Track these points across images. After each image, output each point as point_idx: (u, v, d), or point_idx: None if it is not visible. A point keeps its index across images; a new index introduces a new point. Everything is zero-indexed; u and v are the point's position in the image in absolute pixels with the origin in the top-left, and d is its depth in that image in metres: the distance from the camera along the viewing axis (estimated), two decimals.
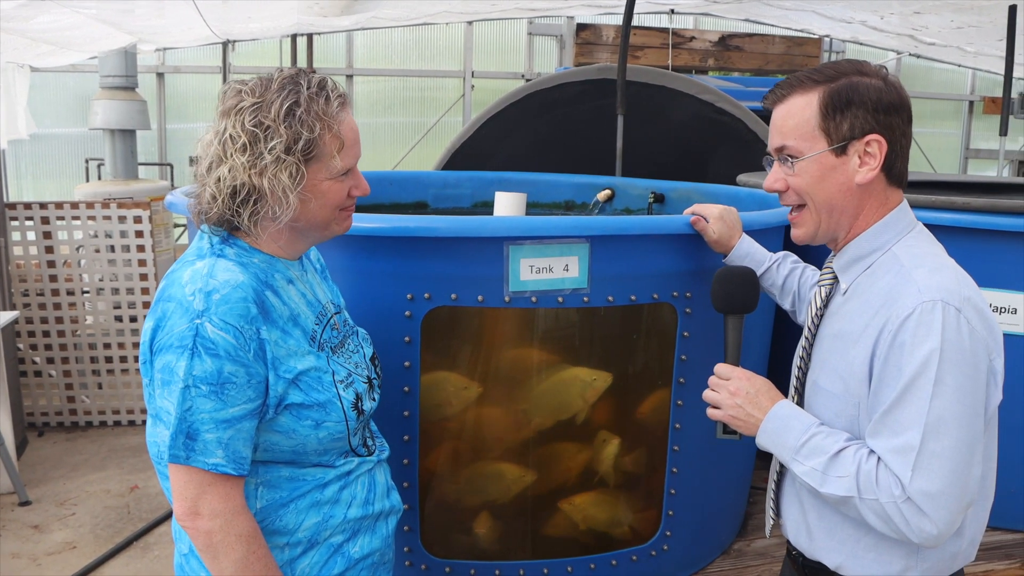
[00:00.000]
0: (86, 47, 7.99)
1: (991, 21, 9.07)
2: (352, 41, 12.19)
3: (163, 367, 1.81)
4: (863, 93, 1.89)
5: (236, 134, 1.88)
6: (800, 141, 1.94)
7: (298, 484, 1.99)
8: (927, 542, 1.80)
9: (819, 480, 1.88)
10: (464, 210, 4.89)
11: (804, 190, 1.97)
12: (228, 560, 1.83)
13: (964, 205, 3.45)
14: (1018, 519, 3.65)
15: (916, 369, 1.77)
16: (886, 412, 1.82)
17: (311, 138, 1.89)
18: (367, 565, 2.12)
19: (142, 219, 5.80)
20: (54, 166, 11.33)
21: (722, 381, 2.10)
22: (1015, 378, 3.51)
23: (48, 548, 4.31)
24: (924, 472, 1.76)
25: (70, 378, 5.91)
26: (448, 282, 2.68)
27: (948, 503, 1.77)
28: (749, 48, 12.89)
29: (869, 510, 1.82)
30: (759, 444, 2.03)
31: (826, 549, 2.04)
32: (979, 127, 15.11)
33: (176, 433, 1.79)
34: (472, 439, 3.00)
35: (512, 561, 2.98)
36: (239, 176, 1.88)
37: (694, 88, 5.63)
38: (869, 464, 1.83)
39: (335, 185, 1.97)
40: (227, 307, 1.81)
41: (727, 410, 2.07)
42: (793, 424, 1.97)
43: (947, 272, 1.85)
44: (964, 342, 1.77)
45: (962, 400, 1.76)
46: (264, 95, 1.90)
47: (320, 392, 1.95)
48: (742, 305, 2.24)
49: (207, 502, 1.82)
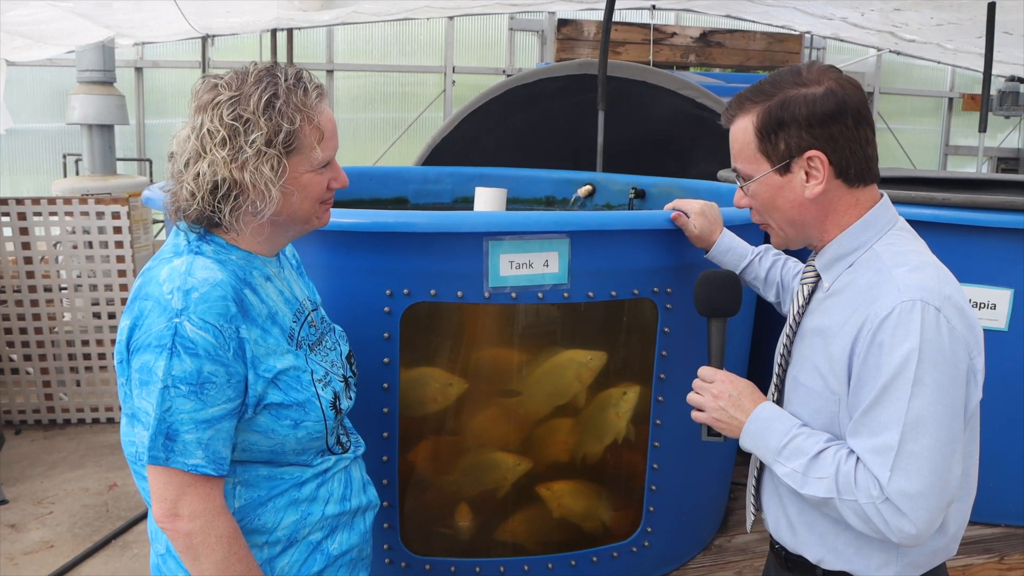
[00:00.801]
0: (63, 41, 7.93)
1: (970, 18, 9.12)
2: (332, 36, 12.15)
3: (141, 367, 1.79)
4: (794, 110, 1.88)
5: (215, 128, 1.85)
6: (746, 164, 1.98)
7: (276, 483, 1.97)
8: (906, 541, 1.80)
9: (800, 482, 1.89)
10: (444, 206, 4.87)
11: (761, 210, 2.01)
12: (209, 561, 1.82)
13: (944, 201, 3.46)
14: (998, 513, 3.67)
15: (895, 369, 1.77)
16: (865, 412, 1.82)
17: (292, 130, 1.87)
18: (346, 561, 2.11)
19: (120, 215, 5.75)
20: (31, 161, 11.25)
21: (705, 384, 2.11)
22: (995, 373, 3.51)
23: (25, 547, 4.27)
24: (903, 472, 1.76)
25: (47, 375, 5.86)
26: (427, 278, 2.67)
27: (927, 503, 1.77)
28: (730, 44, 12.92)
29: (849, 511, 1.83)
30: (742, 446, 2.04)
31: (807, 543, 2.05)
32: (958, 124, 15.19)
33: (155, 434, 1.77)
34: (453, 435, 2.99)
35: (492, 558, 2.96)
36: (219, 171, 1.84)
37: (675, 84, 5.64)
38: (848, 465, 1.83)
39: (315, 177, 1.95)
40: (206, 305, 1.79)
41: (711, 413, 2.08)
42: (775, 426, 1.97)
43: (928, 270, 1.85)
44: (943, 342, 1.76)
45: (941, 400, 1.76)
46: (241, 88, 1.87)
47: (299, 392, 1.93)
48: (725, 308, 2.23)
49: (187, 503, 1.80)
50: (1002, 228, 3.40)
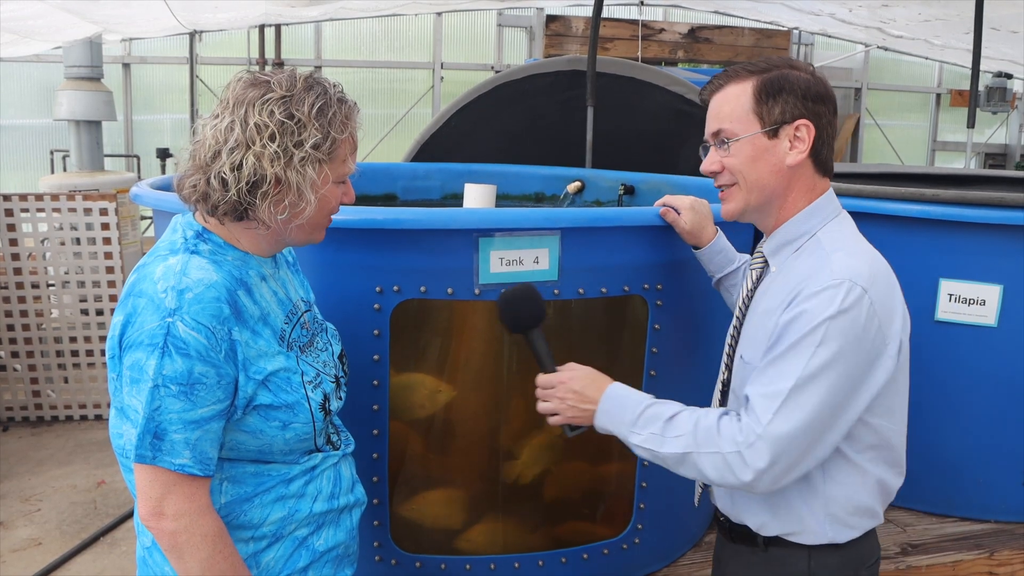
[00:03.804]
0: (50, 37, 7.90)
1: (958, 14, 9.15)
2: (320, 32, 12.15)
3: (132, 364, 1.79)
4: (793, 82, 2.06)
5: (263, 123, 1.86)
6: (735, 124, 2.10)
7: (263, 479, 1.98)
8: (750, 480, 1.94)
9: (658, 442, 2.04)
10: (433, 202, 4.86)
11: (738, 169, 2.11)
12: (194, 560, 1.82)
13: (933, 197, 3.47)
14: (988, 509, 3.68)
15: (807, 330, 1.91)
16: (770, 363, 1.97)
17: (337, 139, 1.93)
18: (331, 558, 2.13)
19: (108, 211, 5.73)
20: (18, 157, 11.22)
21: (548, 391, 2.23)
22: (984, 370, 3.54)
23: (13, 544, 4.26)
24: (783, 416, 1.91)
25: (35, 372, 5.84)
26: (417, 275, 2.66)
27: (791, 449, 1.92)
28: (718, 40, 12.94)
29: (708, 463, 1.98)
30: (599, 426, 2.17)
31: (749, 514, 2.17)
32: (946, 119, 15.26)
33: (143, 433, 1.77)
34: (442, 435, 2.98)
35: (482, 555, 2.96)
36: (265, 165, 1.86)
37: (664, 80, 5.63)
38: (708, 420, 2.00)
39: (334, 190, 2.00)
40: (200, 307, 1.79)
41: (565, 413, 2.20)
42: (627, 402, 2.13)
43: (863, 256, 2.00)
44: (860, 318, 1.90)
45: (839, 368, 1.91)
46: (292, 90, 1.90)
47: (289, 393, 1.94)
48: (535, 318, 2.29)
49: (172, 502, 1.81)
50: (991, 224, 3.41)
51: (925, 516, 3.73)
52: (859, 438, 2.03)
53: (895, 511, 3.75)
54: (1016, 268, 3.42)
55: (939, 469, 3.68)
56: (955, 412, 3.61)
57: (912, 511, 3.76)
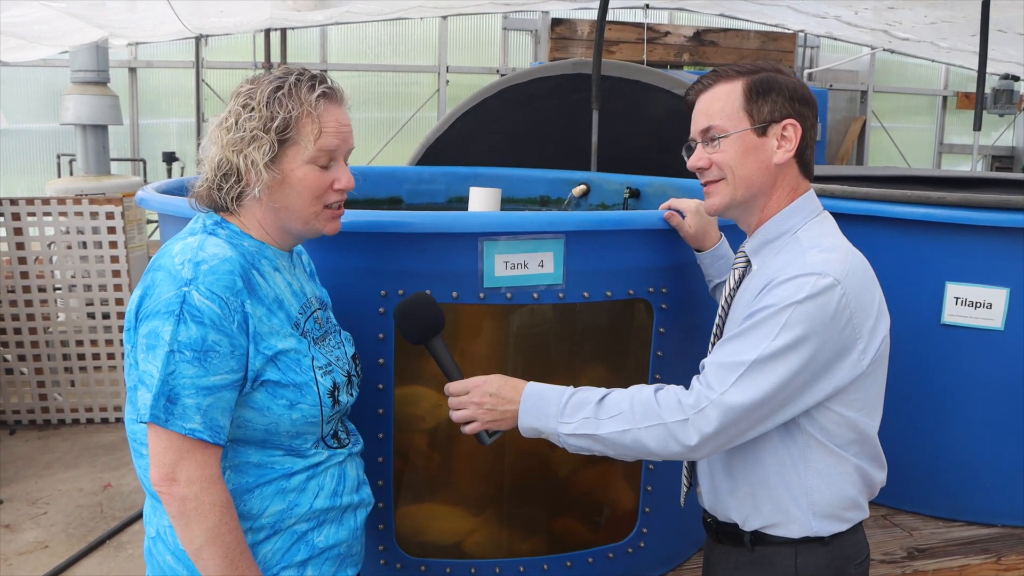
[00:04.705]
0: (57, 41, 7.92)
1: (964, 16, 9.14)
2: (326, 36, 12.16)
3: (149, 332, 1.86)
4: (781, 84, 2.11)
5: (227, 116, 2.00)
6: (725, 120, 2.12)
7: (265, 471, 2.02)
8: (695, 443, 1.98)
9: (593, 426, 2.05)
10: (439, 206, 4.86)
11: (727, 164, 2.13)
12: (200, 527, 1.86)
13: (939, 200, 3.46)
14: (995, 513, 3.67)
15: (774, 311, 1.95)
16: (731, 337, 2.02)
17: (287, 118, 1.97)
18: (332, 556, 2.14)
19: (114, 215, 5.75)
20: (25, 162, 11.25)
21: (461, 398, 2.22)
22: (992, 373, 3.53)
23: (19, 548, 4.27)
24: (739, 388, 1.95)
25: (42, 375, 5.85)
26: (422, 278, 2.66)
27: (738, 422, 1.96)
28: (724, 43, 12.94)
29: (648, 436, 2.00)
30: (523, 427, 2.15)
31: (734, 508, 2.19)
32: (952, 122, 15.23)
33: (158, 395, 1.83)
34: (447, 438, 2.98)
35: (488, 559, 2.96)
36: (221, 154, 1.99)
37: (669, 83, 5.62)
38: (644, 394, 2.04)
39: (313, 173, 2.02)
40: (214, 277, 1.88)
41: (483, 419, 2.20)
42: (548, 395, 2.13)
43: (838, 252, 2.03)
44: (828, 307, 1.94)
45: (803, 352, 1.94)
46: (259, 82, 2.01)
47: (297, 374, 1.99)
48: (434, 326, 2.28)
49: (184, 468, 1.85)
50: (997, 227, 3.40)
51: (932, 520, 3.72)
52: (838, 433, 2.06)
53: (901, 515, 3.74)
54: (1023, 271, 3.41)
55: (946, 473, 3.67)
56: (961, 416, 3.60)
57: (919, 515, 3.75)
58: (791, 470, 2.08)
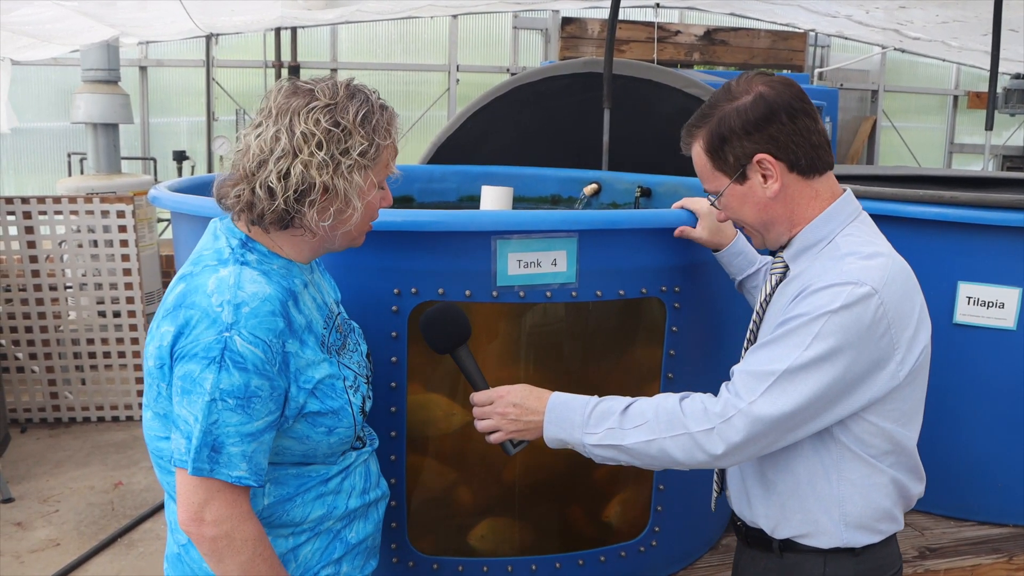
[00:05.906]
0: (68, 40, 7.94)
1: (976, 16, 9.11)
2: (336, 35, 12.16)
3: (185, 375, 1.81)
4: (730, 123, 2.03)
5: (309, 132, 1.89)
6: (710, 183, 2.14)
7: (304, 480, 2.03)
8: (721, 453, 1.95)
9: (619, 436, 2.02)
10: (450, 204, 4.86)
11: (735, 216, 2.16)
12: (234, 563, 1.85)
13: (952, 199, 3.45)
14: (1006, 513, 3.66)
15: (807, 320, 1.90)
16: (762, 345, 1.98)
17: (381, 145, 1.96)
18: (362, 549, 2.18)
19: (125, 214, 5.76)
20: (36, 160, 11.28)
21: (486, 408, 2.21)
22: (1004, 373, 3.52)
23: (31, 545, 4.28)
24: (768, 398, 1.90)
25: (53, 374, 5.87)
26: (435, 277, 2.66)
27: (767, 432, 1.92)
28: (734, 42, 12.92)
29: (674, 446, 1.97)
30: (549, 438, 2.13)
31: (763, 515, 2.15)
32: (963, 121, 15.19)
33: (200, 446, 1.79)
34: (460, 437, 2.98)
35: (499, 557, 2.96)
36: (313, 174, 1.89)
37: (681, 82, 5.61)
38: (669, 403, 2.01)
39: (378, 195, 2.05)
40: (256, 320, 1.82)
41: (507, 428, 2.18)
42: (573, 404, 2.11)
43: (879, 259, 1.97)
44: (864, 317, 1.88)
45: (838, 364, 1.89)
46: (335, 98, 1.93)
47: (334, 399, 1.99)
48: (461, 336, 2.28)
49: (213, 508, 1.83)
50: (1009, 227, 3.39)
51: (943, 520, 3.71)
52: (873, 443, 2.01)
53: (913, 514, 3.73)
54: None
55: (958, 472, 3.66)
56: (973, 415, 3.59)
57: (930, 515, 3.75)
58: (823, 480, 2.04)
